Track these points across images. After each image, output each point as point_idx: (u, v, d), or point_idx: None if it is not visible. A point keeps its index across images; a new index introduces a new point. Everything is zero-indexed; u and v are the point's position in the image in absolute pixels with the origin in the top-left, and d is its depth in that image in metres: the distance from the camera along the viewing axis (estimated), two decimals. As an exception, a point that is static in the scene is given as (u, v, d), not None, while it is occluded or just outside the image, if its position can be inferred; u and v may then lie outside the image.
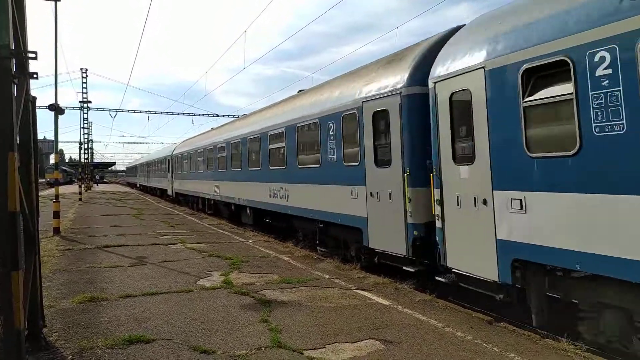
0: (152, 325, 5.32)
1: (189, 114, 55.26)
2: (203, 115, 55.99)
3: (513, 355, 4.48)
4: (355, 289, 7.08)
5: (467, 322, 5.51)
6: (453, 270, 6.46)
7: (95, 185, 65.14)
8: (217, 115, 55.64)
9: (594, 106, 4.50)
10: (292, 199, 11.71)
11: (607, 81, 4.39)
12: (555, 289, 5.25)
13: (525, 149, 5.18)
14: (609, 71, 4.37)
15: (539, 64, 5.02)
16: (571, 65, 4.68)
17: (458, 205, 6.29)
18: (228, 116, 56.33)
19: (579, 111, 4.60)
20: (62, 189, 32.28)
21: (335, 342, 4.80)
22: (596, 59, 4.49)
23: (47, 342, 4.73)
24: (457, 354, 4.51)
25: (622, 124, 4.26)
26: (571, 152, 4.67)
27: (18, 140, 4.14)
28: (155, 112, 56.14)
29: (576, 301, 5.07)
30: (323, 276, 7.96)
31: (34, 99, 4.97)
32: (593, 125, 4.50)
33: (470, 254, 6.10)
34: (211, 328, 5.23)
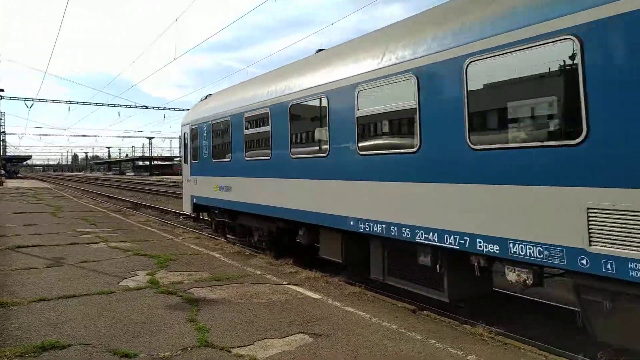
0: (68, 330, 4.99)
1: (114, 105, 52.32)
2: (130, 106, 53.24)
3: (434, 341, 4.72)
4: (287, 284, 7.10)
5: (393, 312, 5.73)
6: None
7: (6, 180, 59.61)
8: (146, 107, 53.30)
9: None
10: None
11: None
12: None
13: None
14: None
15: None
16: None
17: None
18: (157, 108, 54.04)
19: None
20: (-33, 185, 29.22)
21: (264, 338, 4.78)
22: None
23: (-56, 354, 4.29)
24: (381, 343, 4.67)
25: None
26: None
27: None
28: (77, 103, 52.64)
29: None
30: (255, 272, 7.90)
31: None
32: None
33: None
34: (134, 330, 5.00)
